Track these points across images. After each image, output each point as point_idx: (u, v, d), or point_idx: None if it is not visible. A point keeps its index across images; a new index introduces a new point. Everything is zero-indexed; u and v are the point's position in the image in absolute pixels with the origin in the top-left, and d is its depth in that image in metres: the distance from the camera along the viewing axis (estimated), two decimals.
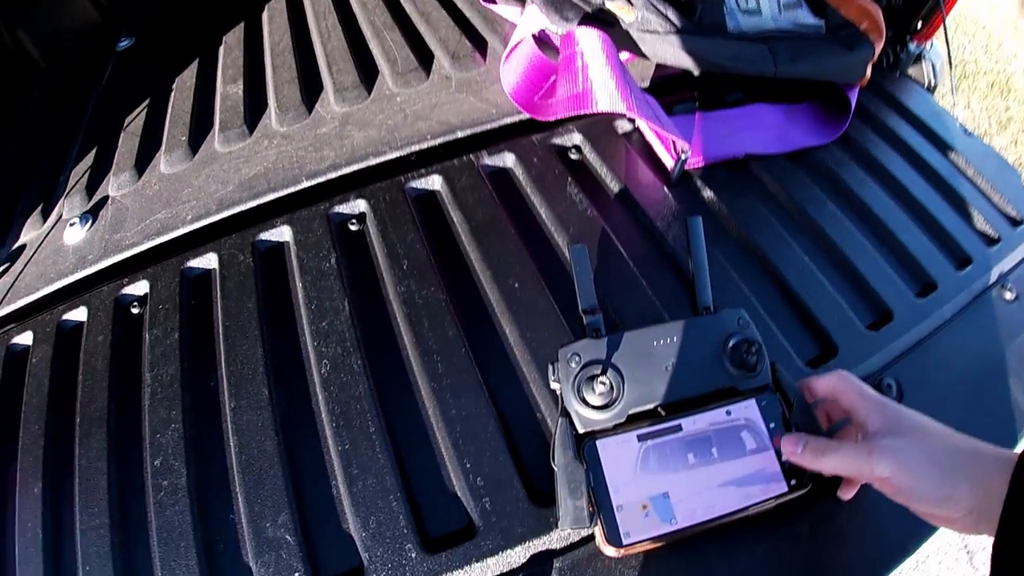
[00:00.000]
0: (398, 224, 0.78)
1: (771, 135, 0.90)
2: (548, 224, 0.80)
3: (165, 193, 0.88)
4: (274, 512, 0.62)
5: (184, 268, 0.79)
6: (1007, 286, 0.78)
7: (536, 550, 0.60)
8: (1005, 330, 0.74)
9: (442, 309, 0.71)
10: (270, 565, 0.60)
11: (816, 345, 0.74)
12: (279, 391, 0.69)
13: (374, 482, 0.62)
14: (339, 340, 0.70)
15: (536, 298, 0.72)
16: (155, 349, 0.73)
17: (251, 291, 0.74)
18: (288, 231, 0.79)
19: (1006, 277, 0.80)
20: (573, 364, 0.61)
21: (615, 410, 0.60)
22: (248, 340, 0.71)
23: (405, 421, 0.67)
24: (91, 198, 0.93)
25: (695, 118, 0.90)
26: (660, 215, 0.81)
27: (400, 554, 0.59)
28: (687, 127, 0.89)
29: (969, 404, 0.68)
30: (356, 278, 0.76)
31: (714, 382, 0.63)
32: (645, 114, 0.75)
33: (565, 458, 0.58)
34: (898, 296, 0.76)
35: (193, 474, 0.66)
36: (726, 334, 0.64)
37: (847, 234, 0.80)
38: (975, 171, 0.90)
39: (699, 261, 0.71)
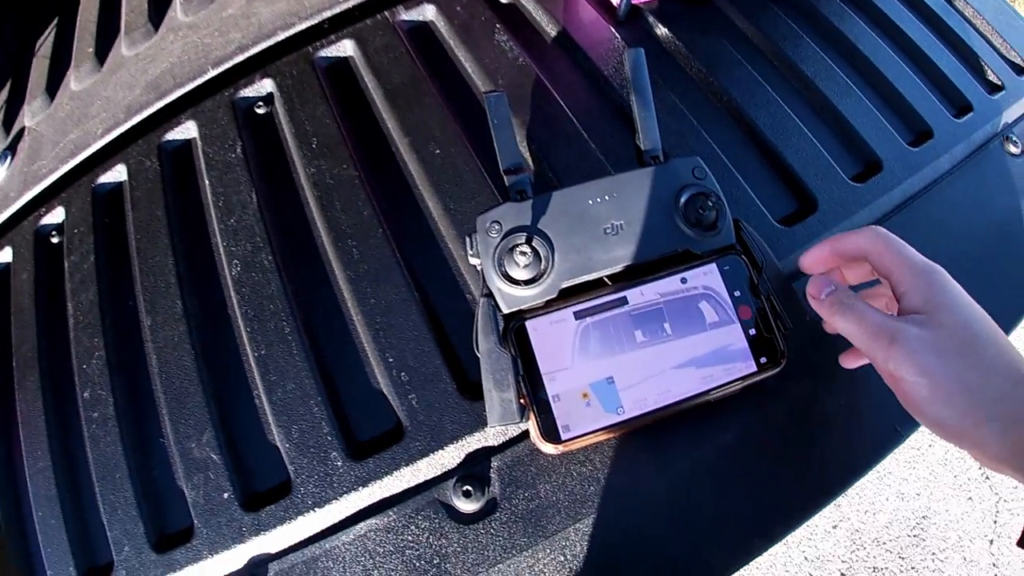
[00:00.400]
0: (307, 100, 0.65)
1: None
2: (475, 79, 0.65)
3: (76, 111, 0.78)
4: (198, 431, 0.56)
5: (95, 186, 0.70)
6: (1012, 138, 0.65)
7: (470, 449, 0.51)
8: (1009, 187, 0.62)
9: (355, 187, 0.59)
10: (199, 487, 0.54)
11: (792, 200, 0.60)
12: (192, 301, 0.60)
13: (294, 387, 0.54)
14: (248, 236, 0.60)
15: (461, 165, 0.58)
16: (74, 276, 0.66)
17: (159, 197, 0.65)
18: (193, 126, 0.68)
19: (1011, 128, 0.67)
20: (493, 234, 0.49)
21: (544, 284, 0.48)
22: (159, 251, 0.63)
23: (322, 317, 0.57)
24: (9, 133, 0.85)
25: None
26: (605, 58, 0.65)
27: (326, 463, 0.52)
28: None
29: (967, 272, 0.54)
30: (264, 166, 0.64)
31: (665, 244, 0.50)
32: None
33: (488, 344, 0.47)
34: (888, 143, 0.61)
35: (120, 401, 0.59)
36: (678, 187, 0.50)
37: (828, 74, 0.65)
38: (974, 12, 0.76)
39: (644, 99, 0.54)
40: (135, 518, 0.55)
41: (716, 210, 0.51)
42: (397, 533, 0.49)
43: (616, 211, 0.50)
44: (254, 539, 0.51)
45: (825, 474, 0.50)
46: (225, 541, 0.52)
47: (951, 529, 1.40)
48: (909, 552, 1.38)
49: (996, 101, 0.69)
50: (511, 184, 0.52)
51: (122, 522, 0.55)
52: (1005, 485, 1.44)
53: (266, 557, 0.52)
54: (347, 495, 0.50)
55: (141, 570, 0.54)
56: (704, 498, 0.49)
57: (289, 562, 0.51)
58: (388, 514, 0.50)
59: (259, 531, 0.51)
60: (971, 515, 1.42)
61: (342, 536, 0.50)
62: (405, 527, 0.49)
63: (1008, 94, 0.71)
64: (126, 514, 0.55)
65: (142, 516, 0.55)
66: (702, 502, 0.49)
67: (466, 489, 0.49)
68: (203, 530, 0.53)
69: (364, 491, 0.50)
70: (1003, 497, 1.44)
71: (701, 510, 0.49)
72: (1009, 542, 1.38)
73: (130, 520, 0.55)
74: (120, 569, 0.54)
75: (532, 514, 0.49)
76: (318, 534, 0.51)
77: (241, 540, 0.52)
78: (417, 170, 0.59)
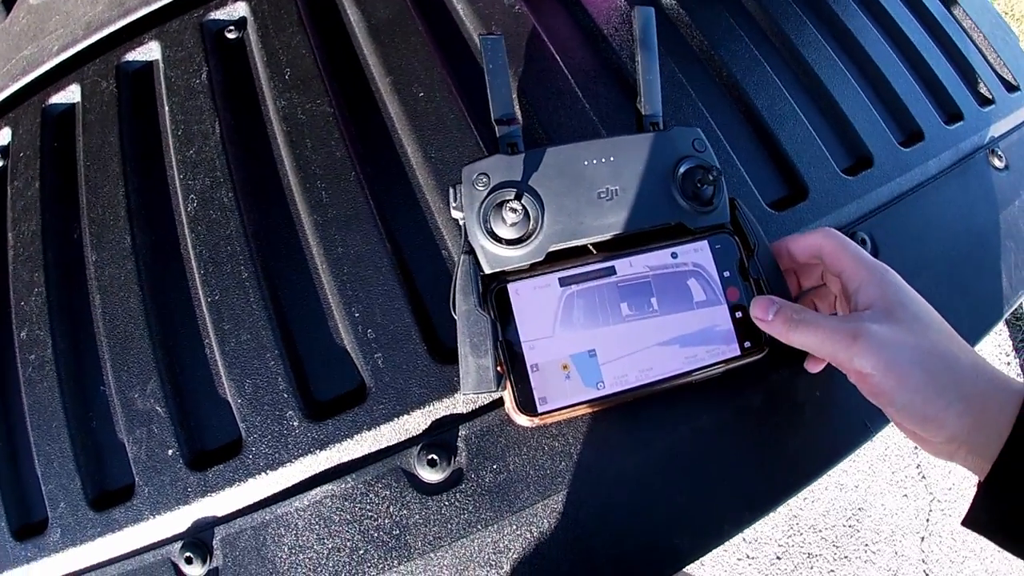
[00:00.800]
0: (283, 27, 0.57)
1: None
2: (466, 21, 0.57)
3: (33, 26, 0.69)
4: (142, 380, 0.49)
5: (46, 106, 0.62)
6: (997, 152, 0.65)
7: (438, 415, 0.45)
8: (991, 199, 0.62)
9: (329, 125, 0.52)
10: (142, 441, 0.48)
11: (783, 185, 0.56)
12: (143, 237, 0.53)
13: (248, 338, 0.48)
14: (208, 170, 0.52)
15: (446, 111, 0.51)
16: (16, 204, 0.59)
17: (114, 122, 0.57)
18: (157, 47, 0.60)
19: (997, 142, 0.67)
20: (479, 187, 0.43)
21: (531, 246, 0.43)
22: (110, 180, 0.55)
23: (284, 263, 0.50)
24: None
25: None
26: (605, 15, 0.58)
27: (281, 422, 0.46)
28: None
29: (946, 276, 0.56)
30: (231, 96, 0.56)
31: (659, 216, 0.45)
32: None
33: (467, 305, 0.41)
34: (880, 140, 0.58)
35: (60, 344, 0.52)
36: (677, 157, 0.46)
37: (827, 62, 0.61)
38: (972, 24, 0.75)
39: (649, 61, 0.49)
40: (72, 472, 0.49)
41: (715, 186, 0.46)
42: (355, 501, 0.44)
43: (612, 175, 0.45)
44: (200, 500, 0.46)
45: (796, 464, 0.48)
46: (168, 501, 0.46)
47: (885, 523, 1.41)
48: (843, 541, 1.40)
49: (986, 113, 0.68)
50: (502, 135, 0.46)
51: (58, 476, 0.50)
52: (939, 486, 1.47)
53: (212, 520, 0.47)
54: (302, 458, 0.45)
55: (77, 529, 0.48)
56: (677, 480, 0.45)
57: (237, 527, 0.45)
58: (346, 480, 0.45)
59: (205, 492, 0.46)
60: (905, 511, 1.43)
61: (295, 502, 0.45)
62: (364, 495, 0.44)
63: (997, 108, 0.69)
64: (62, 468, 0.50)
65: (79, 471, 0.49)
66: (674, 484, 0.45)
67: (431, 458, 0.44)
68: (145, 488, 0.47)
69: (321, 454, 0.45)
70: (937, 497, 1.46)
71: (673, 492, 0.45)
72: (939, 540, 1.40)
73: (66, 475, 0.49)
74: (55, 527, 0.49)
75: (499, 487, 0.44)
76: (269, 498, 0.46)
77: (185, 501, 0.46)
78: (398, 112, 0.53)
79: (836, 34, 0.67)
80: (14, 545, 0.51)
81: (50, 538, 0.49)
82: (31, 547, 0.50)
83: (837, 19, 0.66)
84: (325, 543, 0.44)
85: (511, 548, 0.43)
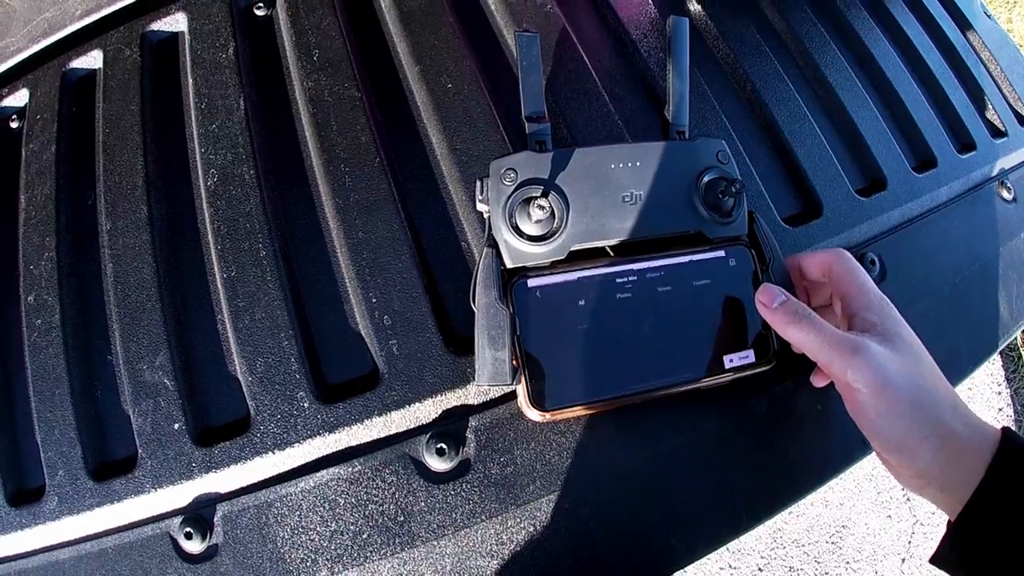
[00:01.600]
0: (313, 8, 0.57)
1: None
2: (498, 17, 0.58)
3: None
4: (152, 352, 0.49)
5: (66, 70, 0.61)
6: (1007, 184, 0.66)
7: (449, 405, 0.46)
8: (998, 229, 0.63)
9: (356, 109, 0.52)
10: (148, 414, 0.48)
11: (798, 201, 0.57)
12: (160, 208, 0.53)
13: (263, 316, 0.48)
14: (230, 145, 0.52)
15: (473, 105, 0.52)
16: (31, 166, 0.58)
17: (136, 91, 0.57)
18: (184, 19, 0.60)
19: (1007, 175, 0.68)
20: (507, 182, 0.44)
21: (554, 243, 0.43)
22: (129, 148, 0.55)
23: (303, 244, 0.50)
24: None
25: None
26: (635, 21, 0.59)
27: (291, 403, 0.46)
28: None
29: (950, 301, 0.58)
30: (257, 72, 0.56)
31: (680, 223, 0.46)
32: None
33: (488, 298, 0.41)
34: (895, 165, 0.60)
35: (68, 310, 0.52)
36: (701, 168, 0.47)
37: (848, 84, 0.62)
38: (990, 56, 0.77)
39: (680, 71, 0.50)
40: (73, 440, 0.49)
41: (736, 198, 0.47)
42: (361, 485, 0.45)
43: (637, 180, 0.46)
44: (204, 476, 0.46)
45: (796, 474, 0.49)
46: (171, 475, 0.46)
47: (867, 542, 1.43)
48: (825, 558, 1.41)
49: (998, 145, 0.69)
50: (531, 132, 0.46)
51: (58, 443, 0.49)
52: (923, 509, 1.48)
53: (215, 497, 0.47)
54: (311, 439, 0.45)
55: (75, 497, 0.48)
56: (677, 483, 0.46)
57: (240, 504, 0.45)
58: (354, 464, 0.45)
59: (210, 468, 0.46)
60: (888, 532, 1.45)
61: (301, 483, 0.45)
62: (370, 480, 0.45)
63: (1010, 141, 0.71)
64: (63, 435, 0.49)
65: (81, 439, 0.49)
66: (675, 487, 0.46)
67: (440, 447, 0.44)
68: (148, 461, 0.47)
69: (330, 437, 0.45)
70: (920, 520, 1.47)
71: (673, 494, 0.46)
72: (920, 563, 1.42)
73: (67, 442, 0.49)
74: (52, 495, 0.48)
75: (505, 480, 0.45)
76: (275, 478, 0.46)
77: (189, 476, 0.46)
78: (425, 102, 0.53)
79: (858, 57, 0.68)
80: (8, 511, 0.51)
81: (46, 505, 0.49)
82: (26, 513, 0.50)
83: (860, 43, 0.67)
84: (328, 525, 0.44)
85: (513, 540, 0.44)
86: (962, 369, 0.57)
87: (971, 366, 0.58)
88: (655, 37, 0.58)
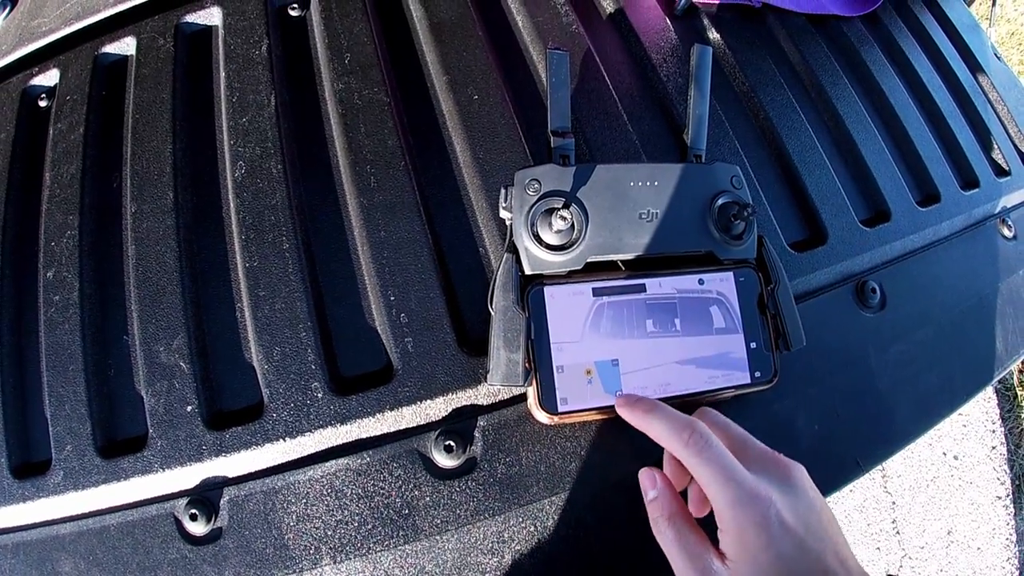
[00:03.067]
0: (346, 12, 0.60)
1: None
2: (524, 33, 0.60)
3: None
4: (169, 334, 0.51)
5: (99, 54, 0.63)
6: (1008, 222, 0.69)
7: (459, 404, 0.47)
8: (997, 265, 0.66)
9: (384, 113, 0.54)
10: (161, 395, 0.50)
11: (805, 228, 0.60)
12: (186, 195, 0.54)
13: (282, 307, 0.50)
14: (259, 139, 0.54)
15: (497, 117, 0.54)
16: (58, 146, 0.59)
17: (168, 80, 0.59)
18: (218, 13, 0.62)
19: (1008, 212, 0.71)
20: (531, 191, 0.46)
21: (572, 254, 0.46)
22: (158, 135, 0.56)
23: (325, 239, 0.52)
24: None
25: None
26: (656, 46, 0.62)
27: (305, 392, 0.48)
28: None
29: (947, 333, 0.60)
30: (289, 71, 0.59)
31: (693, 243, 0.49)
32: None
33: (505, 301, 0.44)
34: (899, 197, 0.62)
35: (87, 288, 0.53)
36: (715, 191, 0.50)
37: (857, 117, 0.65)
38: (998, 96, 0.80)
39: (701, 97, 0.53)
40: (83, 416, 0.50)
41: (747, 222, 0.50)
42: (368, 477, 0.46)
43: (654, 199, 0.48)
44: (213, 459, 0.47)
45: None
46: (180, 456, 0.48)
47: None
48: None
49: (1001, 184, 0.72)
50: (556, 146, 0.48)
51: (68, 419, 0.50)
52: (912, 543, 1.50)
53: (222, 480, 0.48)
54: (322, 429, 0.47)
55: (82, 473, 0.49)
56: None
57: (247, 489, 0.47)
58: (363, 456, 0.46)
59: (220, 452, 0.47)
60: (877, 564, 1.47)
61: (309, 471, 0.46)
62: (378, 472, 0.46)
63: (1012, 180, 0.73)
64: (74, 410, 0.50)
65: (91, 415, 0.50)
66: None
67: (448, 444, 0.46)
68: (158, 441, 0.48)
69: (341, 428, 0.47)
70: (909, 554, 1.50)
71: None
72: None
73: (77, 417, 0.50)
74: (58, 469, 0.49)
75: (510, 480, 0.46)
76: (283, 465, 0.48)
77: (199, 458, 0.47)
78: (451, 110, 0.55)
79: (868, 91, 0.71)
80: (11, 482, 0.52)
81: (51, 479, 0.50)
82: (30, 486, 0.51)
83: (872, 78, 0.70)
84: (334, 514, 0.46)
85: (514, 539, 0.45)
86: (956, 399, 0.59)
87: (964, 396, 0.60)
88: (675, 62, 0.61)
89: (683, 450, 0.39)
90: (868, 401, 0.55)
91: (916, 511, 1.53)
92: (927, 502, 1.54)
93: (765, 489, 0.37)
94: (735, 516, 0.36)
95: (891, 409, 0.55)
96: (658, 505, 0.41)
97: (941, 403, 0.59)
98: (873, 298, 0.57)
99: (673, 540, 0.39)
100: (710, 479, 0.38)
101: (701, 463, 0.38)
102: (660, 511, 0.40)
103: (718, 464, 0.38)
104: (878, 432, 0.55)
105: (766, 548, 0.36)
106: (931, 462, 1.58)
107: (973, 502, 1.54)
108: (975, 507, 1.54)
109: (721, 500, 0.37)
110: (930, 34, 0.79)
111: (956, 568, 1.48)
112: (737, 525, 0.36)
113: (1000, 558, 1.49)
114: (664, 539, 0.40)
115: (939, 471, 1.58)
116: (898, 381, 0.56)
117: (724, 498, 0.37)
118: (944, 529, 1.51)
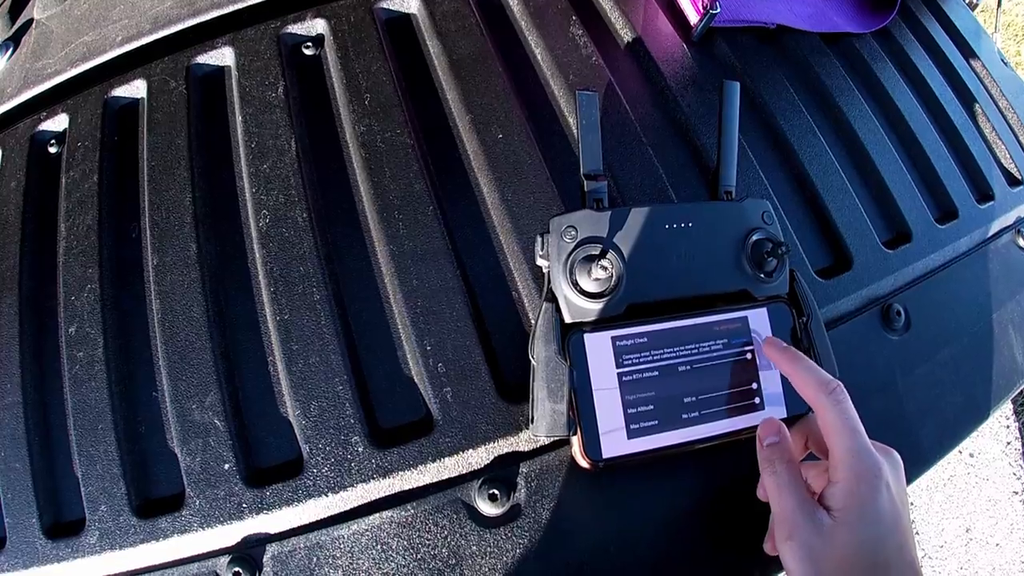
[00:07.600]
0: (363, 51, 0.61)
1: (808, 10, 0.74)
2: (544, 68, 0.62)
3: (95, 12, 0.71)
4: (201, 392, 0.52)
5: (108, 98, 0.64)
6: (1022, 232, 0.72)
7: (501, 452, 0.49)
8: (1014, 277, 0.68)
9: (408, 157, 0.56)
10: (197, 453, 0.51)
11: (830, 254, 0.62)
12: (210, 246, 0.56)
13: (317, 361, 0.51)
14: (283, 187, 0.56)
15: (523, 156, 0.56)
16: (72, 194, 0.61)
17: (182, 124, 0.60)
18: (231, 53, 0.63)
19: (1022, 223, 0.74)
20: (567, 239, 0.48)
21: (612, 300, 0.47)
22: (176, 183, 0.58)
23: (357, 289, 0.54)
24: (14, 23, 0.77)
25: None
26: (675, 76, 0.64)
27: (345, 447, 0.49)
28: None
29: (969, 349, 0.62)
30: (307, 113, 0.60)
31: (729, 282, 0.51)
32: None
33: (547, 352, 0.45)
34: (919, 217, 0.65)
35: (112, 344, 0.55)
36: (748, 228, 0.51)
37: (875, 137, 0.67)
38: (1007, 104, 0.81)
39: (729, 135, 0.55)
40: (116, 476, 0.51)
41: (780, 259, 0.52)
42: (414, 528, 0.48)
43: (689, 240, 0.50)
44: (254, 517, 0.49)
45: None
46: (220, 515, 0.49)
47: None
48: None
49: (1015, 194, 0.74)
50: (590, 190, 0.50)
51: (100, 478, 0.51)
52: (931, 543, 1.55)
53: (264, 537, 0.49)
54: (364, 483, 0.48)
55: (118, 534, 0.50)
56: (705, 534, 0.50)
57: (291, 545, 0.48)
58: (407, 508, 0.48)
59: (261, 509, 0.49)
60: None
61: (353, 525, 0.48)
62: (423, 523, 0.48)
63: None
64: (106, 470, 0.52)
65: (124, 474, 0.51)
66: (702, 537, 0.49)
67: (492, 492, 0.48)
68: (196, 500, 0.49)
69: (384, 481, 0.48)
70: (928, 554, 1.54)
71: (698, 546, 0.49)
72: None
73: (110, 477, 0.51)
74: (93, 529, 0.51)
75: (553, 527, 0.48)
76: (326, 519, 0.49)
77: (239, 516, 0.49)
78: (476, 151, 0.56)
79: (884, 109, 0.73)
80: (44, 543, 0.52)
81: (87, 539, 0.51)
82: (64, 546, 0.52)
83: (885, 94, 0.73)
84: (380, 567, 0.47)
85: None
86: (979, 416, 0.61)
87: (987, 412, 0.62)
88: (695, 90, 0.63)
89: (826, 397, 0.42)
90: (899, 426, 0.57)
91: (934, 510, 1.57)
92: (944, 501, 1.58)
93: (879, 454, 0.41)
94: (853, 464, 0.40)
95: (918, 431, 0.58)
96: (777, 449, 0.43)
97: (965, 421, 0.61)
98: (898, 321, 0.60)
99: (788, 482, 0.42)
100: (841, 426, 0.41)
101: (840, 411, 0.41)
102: (779, 454, 0.43)
103: (851, 415, 0.42)
104: (906, 456, 0.57)
105: (873, 500, 0.39)
106: (947, 461, 1.62)
107: (990, 499, 1.58)
108: (992, 504, 1.58)
109: (843, 447, 0.41)
110: (938, 43, 0.81)
111: (976, 565, 1.52)
112: (854, 473, 0.40)
113: (1019, 553, 1.53)
114: (779, 480, 0.42)
115: (955, 469, 1.62)
116: (924, 403, 0.59)
117: (847, 445, 0.40)
118: (962, 527, 1.55)
